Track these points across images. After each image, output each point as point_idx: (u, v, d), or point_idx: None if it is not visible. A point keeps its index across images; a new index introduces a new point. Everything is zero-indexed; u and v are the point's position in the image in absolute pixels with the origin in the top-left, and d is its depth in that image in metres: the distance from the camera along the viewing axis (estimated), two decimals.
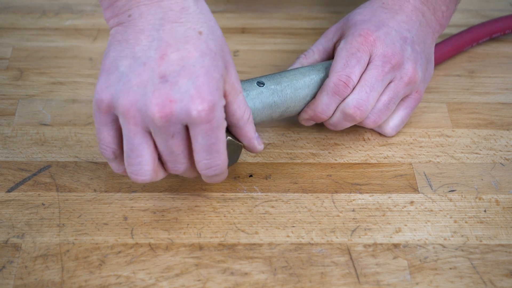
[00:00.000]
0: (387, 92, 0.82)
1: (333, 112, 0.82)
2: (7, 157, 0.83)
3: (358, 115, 0.81)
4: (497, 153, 0.85)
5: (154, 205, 0.79)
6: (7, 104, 0.89)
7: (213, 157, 0.71)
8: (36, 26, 1.02)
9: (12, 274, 0.72)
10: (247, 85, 0.80)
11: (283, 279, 0.72)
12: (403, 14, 0.84)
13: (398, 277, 0.73)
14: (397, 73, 0.82)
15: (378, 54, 0.82)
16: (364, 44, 0.82)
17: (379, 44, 0.82)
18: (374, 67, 0.81)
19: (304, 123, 0.85)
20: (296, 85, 0.82)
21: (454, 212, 0.79)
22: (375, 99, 0.81)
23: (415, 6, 0.85)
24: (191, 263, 0.73)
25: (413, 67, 0.82)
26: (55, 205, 0.78)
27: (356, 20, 0.84)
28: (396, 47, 0.82)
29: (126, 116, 0.69)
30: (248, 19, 1.04)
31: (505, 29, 0.99)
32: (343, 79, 0.80)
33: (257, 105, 0.80)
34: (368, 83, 0.81)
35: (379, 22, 0.83)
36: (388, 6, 0.85)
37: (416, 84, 0.83)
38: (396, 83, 0.82)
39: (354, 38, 0.82)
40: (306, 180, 0.82)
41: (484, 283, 0.72)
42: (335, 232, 0.77)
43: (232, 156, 0.77)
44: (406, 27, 0.84)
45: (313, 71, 0.83)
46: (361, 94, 0.81)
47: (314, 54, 0.87)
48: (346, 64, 0.81)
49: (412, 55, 0.83)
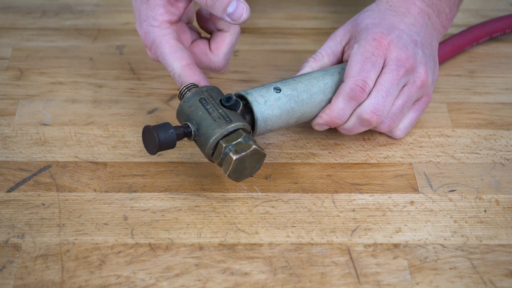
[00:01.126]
0: (401, 96, 0.82)
1: (349, 116, 0.82)
2: (7, 157, 0.83)
3: (375, 120, 0.81)
4: (497, 153, 0.85)
5: (154, 205, 0.79)
6: (7, 104, 0.89)
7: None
8: (36, 26, 1.02)
9: (12, 274, 0.72)
10: (264, 92, 0.80)
11: (283, 279, 0.72)
12: (411, 17, 0.84)
13: (398, 277, 0.73)
14: (411, 77, 0.82)
15: (393, 58, 0.81)
16: (379, 48, 0.81)
17: (393, 48, 0.81)
18: (389, 71, 0.81)
19: (318, 128, 0.84)
20: (312, 90, 0.81)
21: (454, 212, 0.79)
22: (390, 103, 0.81)
23: (421, 8, 0.85)
24: (191, 263, 0.73)
25: (425, 70, 0.82)
26: (55, 205, 0.78)
27: (367, 23, 0.84)
28: (409, 50, 0.82)
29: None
30: (248, 19, 1.04)
31: (505, 28, 0.99)
32: (359, 84, 0.80)
33: (275, 111, 0.80)
34: (384, 88, 0.80)
35: (390, 26, 0.83)
36: (396, 9, 0.85)
37: (427, 87, 0.83)
38: (409, 87, 0.82)
39: (367, 42, 0.81)
40: (306, 180, 0.82)
41: (484, 283, 0.72)
42: (335, 232, 0.77)
43: (254, 166, 0.77)
44: (415, 29, 0.83)
45: (326, 76, 0.83)
46: (377, 99, 0.80)
47: (323, 57, 0.86)
48: (362, 69, 0.80)
49: (423, 58, 0.82)
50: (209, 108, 0.77)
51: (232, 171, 0.75)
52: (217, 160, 0.76)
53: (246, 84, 0.94)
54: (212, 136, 0.76)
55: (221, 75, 0.95)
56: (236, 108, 0.78)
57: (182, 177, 0.81)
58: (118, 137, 0.86)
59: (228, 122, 0.76)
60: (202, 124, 0.77)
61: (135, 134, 0.86)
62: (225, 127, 0.76)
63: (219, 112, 0.77)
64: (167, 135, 0.75)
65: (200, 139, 0.77)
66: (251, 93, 0.79)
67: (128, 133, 0.86)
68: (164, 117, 0.88)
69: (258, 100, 0.79)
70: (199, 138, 0.77)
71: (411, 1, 0.85)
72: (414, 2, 0.85)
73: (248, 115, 0.79)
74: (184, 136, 0.77)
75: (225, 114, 0.77)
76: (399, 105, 0.82)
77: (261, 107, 0.79)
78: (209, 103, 0.78)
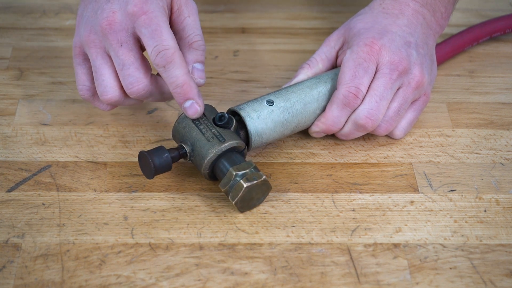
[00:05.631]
0: (397, 99, 0.82)
1: (344, 123, 0.82)
2: (7, 157, 0.83)
3: (370, 125, 0.81)
4: (497, 153, 0.85)
5: (154, 205, 0.79)
6: (7, 104, 0.89)
7: (159, 41, 0.76)
8: (36, 26, 1.02)
9: (12, 274, 0.72)
10: (257, 105, 0.80)
11: (283, 279, 0.72)
12: (404, 18, 0.84)
13: (398, 277, 0.73)
14: (405, 79, 0.82)
15: (385, 62, 0.81)
16: (370, 54, 0.81)
17: (385, 52, 0.81)
18: (382, 75, 0.81)
19: (315, 135, 0.85)
20: (305, 100, 0.82)
21: (454, 212, 0.79)
22: (385, 107, 0.81)
23: (415, 9, 0.85)
24: (191, 263, 0.73)
25: (420, 71, 0.82)
26: (55, 205, 0.78)
27: (359, 28, 0.84)
28: (402, 53, 0.82)
29: (87, 43, 0.80)
30: (248, 19, 1.04)
31: (505, 28, 0.99)
32: (352, 90, 0.80)
33: (269, 124, 0.80)
34: (377, 92, 0.80)
35: (382, 29, 0.83)
36: (389, 11, 0.85)
37: (423, 87, 0.83)
38: (404, 89, 0.82)
39: (359, 48, 0.82)
40: (306, 180, 0.82)
41: (484, 283, 0.72)
42: (335, 232, 0.77)
43: (259, 197, 0.77)
44: (408, 31, 0.83)
45: (320, 83, 0.83)
46: (371, 104, 0.80)
47: (318, 63, 0.86)
48: (354, 75, 0.80)
49: (418, 59, 0.83)
50: (202, 128, 0.78)
51: (240, 199, 0.75)
52: (225, 188, 0.76)
53: (246, 84, 0.94)
54: (207, 157, 0.76)
55: (221, 75, 0.95)
56: (229, 126, 0.78)
57: (182, 177, 0.81)
58: (118, 137, 0.86)
59: (222, 141, 0.77)
60: (196, 144, 0.77)
61: (135, 134, 0.86)
62: (218, 147, 0.76)
63: (212, 132, 0.78)
64: (161, 160, 0.77)
65: (196, 160, 0.78)
66: (244, 108, 0.80)
67: (128, 133, 0.86)
68: (164, 117, 0.88)
69: (251, 115, 0.79)
70: (195, 158, 0.78)
71: (404, 2, 0.85)
72: (408, 3, 0.85)
73: (242, 131, 0.80)
74: (180, 157, 0.78)
75: (218, 133, 0.77)
76: (395, 108, 0.82)
77: (254, 121, 0.79)
78: (202, 123, 0.78)
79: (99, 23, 0.78)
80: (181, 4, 0.81)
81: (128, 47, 0.78)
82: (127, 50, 0.78)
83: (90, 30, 0.80)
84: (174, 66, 0.76)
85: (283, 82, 0.93)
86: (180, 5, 0.81)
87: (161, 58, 0.76)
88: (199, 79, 0.81)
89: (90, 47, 0.80)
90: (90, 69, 0.82)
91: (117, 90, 0.80)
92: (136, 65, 0.78)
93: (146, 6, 0.77)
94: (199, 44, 0.81)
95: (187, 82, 0.77)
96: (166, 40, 0.76)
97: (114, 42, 0.78)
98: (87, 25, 0.80)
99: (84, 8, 0.82)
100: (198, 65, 0.81)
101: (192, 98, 0.78)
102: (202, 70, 0.81)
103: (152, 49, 0.76)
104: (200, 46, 0.81)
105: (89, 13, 0.81)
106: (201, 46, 0.81)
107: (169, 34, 0.77)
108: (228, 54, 0.98)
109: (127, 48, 0.78)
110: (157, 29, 0.76)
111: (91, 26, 0.80)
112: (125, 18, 0.78)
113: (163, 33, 0.76)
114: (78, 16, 0.83)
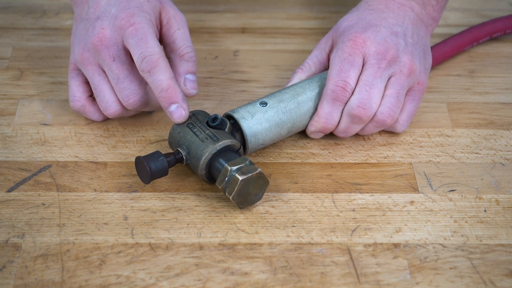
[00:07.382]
0: (391, 86, 0.82)
1: (339, 119, 0.83)
2: (7, 157, 0.83)
3: (364, 114, 0.81)
4: (497, 153, 0.85)
5: (154, 205, 0.79)
6: (7, 104, 0.89)
7: (145, 48, 0.78)
8: (36, 26, 1.02)
9: (12, 274, 0.72)
10: (251, 108, 0.81)
11: (283, 279, 0.72)
12: (389, 12, 0.85)
13: (398, 277, 0.73)
14: (395, 67, 0.82)
15: (371, 53, 0.82)
16: (355, 48, 0.82)
17: (370, 44, 0.82)
18: (370, 66, 0.82)
19: (314, 136, 0.85)
20: (298, 99, 0.82)
21: (454, 212, 0.79)
22: (377, 96, 0.81)
23: (401, 3, 0.86)
24: (191, 263, 0.73)
25: (410, 58, 0.83)
26: (55, 205, 0.78)
27: (344, 27, 0.85)
28: (388, 42, 0.82)
29: (82, 61, 0.83)
30: (248, 19, 1.04)
31: (505, 28, 0.99)
32: (339, 84, 0.81)
33: (264, 125, 0.80)
34: (367, 82, 0.81)
35: (366, 24, 0.84)
36: (374, 7, 0.86)
37: (416, 74, 0.83)
38: (397, 77, 0.82)
39: (344, 44, 0.83)
40: (306, 180, 0.82)
41: (484, 283, 0.72)
42: (335, 231, 0.77)
43: (257, 192, 0.77)
44: (394, 22, 0.84)
45: (312, 84, 0.84)
46: (361, 94, 0.81)
47: (310, 67, 0.87)
48: (340, 70, 0.81)
49: (406, 47, 0.83)
50: (196, 131, 0.79)
51: (237, 193, 0.75)
52: (221, 184, 0.76)
53: (246, 84, 0.94)
54: (202, 157, 0.77)
55: (221, 75, 0.95)
56: (223, 127, 0.79)
57: (182, 177, 0.81)
58: (118, 137, 0.86)
59: (216, 141, 0.77)
60: (191, 147, 0.78)
61: (135, 134, 0.86)
62: (213, 146, 0.77)
63: (206, 133, 0.78)
64: (158, 164, 0.77)
65: (192, 162, 0.78)
66: (238, 111, 0.81)
67: (128, 133, 0.86)
68: (164, 117, 0.88)
69: (245, 116, 0.80)
70: (191, 161, 0.78)
71: None
72: None
73: (238, 133, 0.80)
74: (176, 162, 0.79)
75: (212, 134, 0.78)
76: (392, 93, 0.82)
77: (248, 122, 0.80)
78: (196, 126, 0.79)
79: (90, 41, 0.81)
80: (170, 17, 0.84)
81: (121, 61, 0.81)
82: (120, 64, 0.81)
83: (83, 48, 0.83)
84: (159, 71, 0.78)
85: (283, 82, 0.93)
86: (169, 18, 0.84)
87: (146, 64, 0.78)
88: (191, 89, 0.83)
89: (86, 65, 0.83)
90: (83, 82, 0.85)
91: (119, 104, 0.83)
92: (130, 78, 0.81)
93: (133, 19, 0.80)
94: (190, 56, 0.84)
95: (171, 86, 0.79)
96: (151, 47, 0.79)
97: (106, 57, 0.81)
98: (80, 43, 0.83)
99: (76, 27, 0.85)
100: (190, 76, 0.84)
101: (177, 102, 0.79)
102: (194, 80, 0.84)
103: (138, 56, 0.79)
104: (191, 57, 0.84)
105: (81, 32, 0.84)
106: (192, 57, 0.84)
107: (155, 42, 0.80)
108: (228, 54, 0.98)
109: (119, 62, 0.81)
110: (143, 38, 0.79)
111: (83, 44, 0.83)
112: (115, 32, 0.81)
113: (148, 41, 0.79)
114: (72, 35, 0.86)
